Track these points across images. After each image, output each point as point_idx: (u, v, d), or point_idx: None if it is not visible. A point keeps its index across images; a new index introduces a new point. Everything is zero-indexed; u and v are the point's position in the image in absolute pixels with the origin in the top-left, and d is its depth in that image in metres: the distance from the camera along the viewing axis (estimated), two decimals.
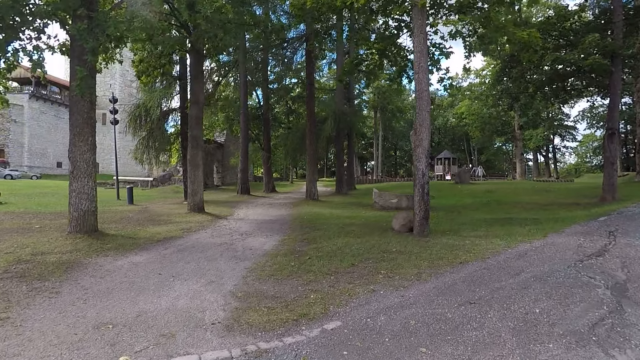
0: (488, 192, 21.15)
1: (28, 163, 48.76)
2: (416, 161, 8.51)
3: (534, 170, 53.08)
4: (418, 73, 8.19)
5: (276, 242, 8.16)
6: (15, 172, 43.31)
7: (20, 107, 48.41)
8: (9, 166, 46.71)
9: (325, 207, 15.61)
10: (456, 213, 13.83)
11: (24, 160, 48.58)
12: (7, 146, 47.86)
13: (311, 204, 16.46)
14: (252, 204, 17.65)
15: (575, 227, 8.67)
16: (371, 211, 14.47)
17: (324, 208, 15.20)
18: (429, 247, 7.12)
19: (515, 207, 15.29)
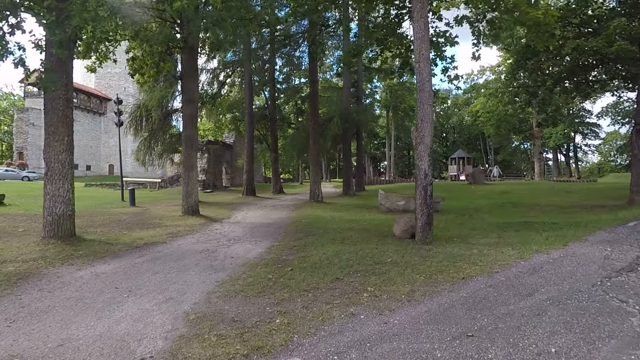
0: (504, 193, 19.98)
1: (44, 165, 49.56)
2: (418, 160, 7.65)
3: (554, 169, 50.97)
4: (419, 62, 7.33)
5: (263, 250, 7.43)
6: (33, 174, 44.02)
7: (39, 110, 49.23)
8: (27, 168, 47.63)
9: (328, 209, 14.82)
10: (467, 216, 12.85)
11: (42, 162, 49.30)
12: (26, 149, 48.77)
13: (314, 206, 15.69)
14: (254, 205, 17.01)
15: (600, 234, 7.64)
16: (376, 214, 13.61)
17: (327, 211, 14.41)
18: (430, 257, 6.26)
19: (532, 209, 14.17)
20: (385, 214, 13.85)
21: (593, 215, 11.86)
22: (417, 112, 7.63)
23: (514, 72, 15.17)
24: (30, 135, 48.34)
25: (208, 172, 31.37)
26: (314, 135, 16.87)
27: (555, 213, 12.96)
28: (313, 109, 17.22)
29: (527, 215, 12.91)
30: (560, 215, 12.39)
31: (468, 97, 58.04)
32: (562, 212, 13.25)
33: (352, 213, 13.82)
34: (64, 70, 7.63)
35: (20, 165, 47.40)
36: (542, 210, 13.93)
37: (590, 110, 44.74)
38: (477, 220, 11.89)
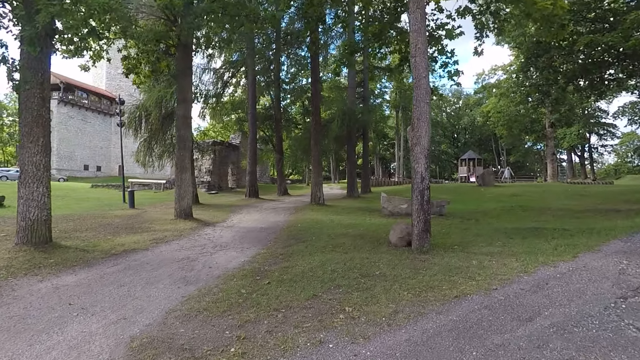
0: (514, 196, 19.17)
1: (57, 166, 50.11)
2: (414, 162, 7.06)
3: (568, 171, 49.49)
4: (415, 56, 6.75)
5: (247, 258, 6.93)
6: None
7: (50, 111, 49.81)
8: None
9: (328, 212, 14.28)
10: (473, 221, 12.17)
11: (53, 163, 49.92)
12: None
13: (315, 210, 15.16)
14: (254, 208, 16.56)
15: (615, 244, 6.94)
16: (377, 218, 13.02)
17: (327, 214, 13.87)
18: (424, 269, 5.68)
19: (542, 214, 13.40)
20: (387, 217, 13.25)
21: (607, 221, 11.08)
22: (413, 110, 7.04)
23: (525, 69, 14.41)
24: None
25: (213, 173, 31.13)
26: (315, 136, 16.35)
27: (566, 218, 12.19)
28: (314, 109, 16.70)
29: (537, 220, 12.17)
30: (572, 220, 11.62)
31: (480, 98, 56.83)
32: (574, 217, 12.47)
33: (352, 216, 13.25)
34: (40, 67, 7.25)
35: None
36: (553, 214, 13.15)
37: (606, 110, 43.29)
38: (483, 225, 11.21)
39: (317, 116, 16.44)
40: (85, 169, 54.26)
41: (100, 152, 57.30)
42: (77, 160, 53.19)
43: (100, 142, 57.32)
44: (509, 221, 12.09)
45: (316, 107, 16.47)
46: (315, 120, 16.38)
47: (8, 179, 39.84)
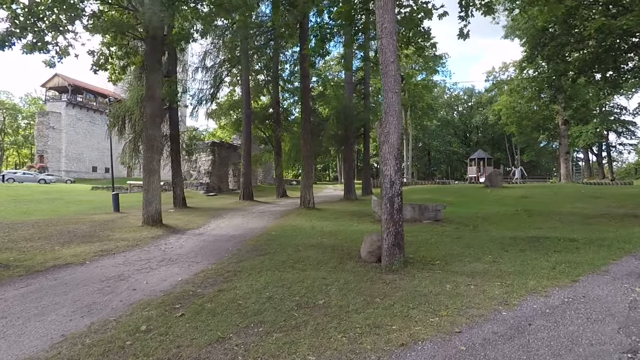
0: (521, 199, 17.72)
1: (65, 168, 50.35)
2: (382, 164, 5.93)
3: (585, 171, 47.18)
4: (381, 38, 5.64)
5: (187, 276, 5.92)
6: (51, 176, 44.66)
7: (58, 114, 50.13)
8: (47, 171, 48.45)
9: (314, 217, 13.20)
10: (470, 228, 10.93)
11: (62, 165, 50.22)
12: (47, 152, 49.67)
13: (302, 214, 14.10)
14: (241, 212, 15.60)
15: (627, 262, 5.69)
16: (365, 224, 11.88)
17: (312, 219, 12.78)
18: (382, 296, 4.57)
19: (550, 219, 12.04)
20: (377, 223, 12.09)
21: (623, 228, 9.71)
22: (383, 102, 5.92)
23: (530, 59, 13.02)
24: (51, 139, 49.20)
25: (212, 175, 30.39)
26: (305, 135, 15.28)
27: (576, 225, 10.83)
28: (303, 106, 15.65)
29: (542, 226, 10.85)
30: (582, 227, 10.27)
31: (492, 96, 54.85)
32: (585, 223, 11.09)
33: (338, 222, 12.14)
34: None
35: (41, 168, 48.30)
36: (561, 220, 11.78)
37: (625, 107, 40.88)
38: (479, 233, 9.98)
39: (306, 114, 15.37)
40: (94, 171, 54.46)
41: (109, 154, 57.32)
42: (86, 162, 53.39)
43: (109, 144, 57.32)
44: (510, 228, 10.81)
45: (305, 104, 15.40)
46: (305, 118, 15.32)
47: (15, 180, 40.07)
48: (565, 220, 11.62)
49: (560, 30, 11.21)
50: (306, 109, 15.47)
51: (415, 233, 9.83)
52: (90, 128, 54.08)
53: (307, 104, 15.37)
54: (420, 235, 9.53)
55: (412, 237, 9.17)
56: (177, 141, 17.68)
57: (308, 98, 15.46)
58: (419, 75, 51.84)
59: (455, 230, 10.43)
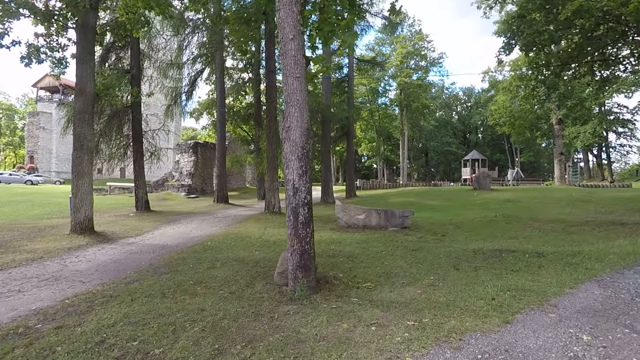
0: (507, 203, 16.50)
1: (56, 169, 49.65)
2: (284, 167, 4.79)
3: (585, 172, 45.66)
4: (280, 9, 4.51)
5: (50, 303, 4.81)
6: (40, 177, 43.97)
7: (49, 114, 49.42)
8: (37, 172, 47.77)
9: (271, 224, 12.06)
10: (436, 237, 9.78)
11: (52, 166, 49.53)
12: (37, 152, 49.00)
13: (261, 220, 12.98)
14: (202, 217, 14.51)
15: (587, 290, 4.51)
16: (326, 231, 10.73)
17: (268, 226, 11.65)
18: (249, 341, 3.44)
19: (528, 227, 10.84)
20: (341, 231, 10.94)
21: (605, 239, 8.49)
22: (283, 89, 4.79)
23: (507, 49, 11.77)
24: (41, 139, 48.52)
25: (195, 176, 29.37)
26: (270, 136, 14.17)
27: (554, 234, 9.62)
28: (269, 104, 14.54)
29: (517, 235, 9.66)
30: (560, 237, 9.07)
31: (492, 95, 53.45)
32: (565, 231, 9.88)
33: None
34: None
35: (30, 168, 47.61)
36: (540, 228, 10.57)
37: (626, 106, 39.24)
38: (443, 243, 8.82)
39: (271, 112, 14.24)
40: None
41: (100, 155, 56.48)
42: None
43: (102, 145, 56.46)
44: (481, 237, 9.64)
45: (270, 102, 14.26)
46: (270, 116, 14.20)
47: (0, 182, 39.36)
48: (544, 229, 10.40)
49: (539, 15, 9.99)
50: (270, 107, 14.34)
51: (370, 244, 8.69)
52: None
53: (272, 101, 14.22)
54: (373, 247, 8.38)
55: (362, 249, 8.04)
56: (140, 141, 16.66)
57: (274, 94, 14.31)
58: (414, 75, 50.63)
59: (417, 241, 9.26)
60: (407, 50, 49.08)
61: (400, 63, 49.38)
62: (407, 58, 50.01)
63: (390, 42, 52.88)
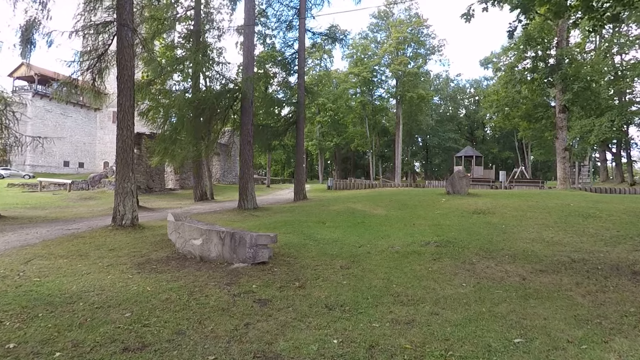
0: (474, 215, 11.64)
1: (31, 162, 46.80)
2: None
3: (601, 173, 39.59)
4: None
5: None
6: (7, 171, 41.11)
7: (23, 105, 46.57)
8: (10, 165, 45.03)
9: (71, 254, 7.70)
10: (294, 288, 5.19)
11: (27, 159, 46.68)
12: (9, 145, 46.26)
13: (61, 250, 8.61)
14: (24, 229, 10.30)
15: None
16: (119, 272, 6.29)
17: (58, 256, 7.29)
18: None
19: (465, 269, 6.09)
20: (143, 269, 6.52)
21: (591, 326, 3.72)
22: None
23: None
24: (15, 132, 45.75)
25: (136, 172, 25.33)
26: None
27: (495, 295, 4.86)
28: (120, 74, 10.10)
29: (423, 299, 4.98)
30: (495, 311, 4.35)
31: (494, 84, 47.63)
32: (520, 289, 5.10)
33: (86, 264, 6.61)
34: None
35: (2, 161, 44.92)
36: (481, 275, 5.82)
37: None
38: (267, 309, 4.25)
39: (127, 83, 9.84)
40: (66, 166, 50.80)
41: (84, 148, 53.77)
42: (56, 156, 49.75)
43: (84, 138, 53.77)
44: (367, 292, 5.03)
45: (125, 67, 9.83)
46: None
47: None
48: (487, 277, 5.64)
49: None
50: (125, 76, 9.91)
51: (142, 317, 4.24)
52: (62, 120, 50.47)
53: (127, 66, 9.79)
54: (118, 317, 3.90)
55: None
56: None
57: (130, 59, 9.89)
58: (411, 63, 45.33)
59: (241, 301, 4.74)
60: (404, 35, 43.81)
61: (395, 50, 44.19)
62: (403, 44, 44.76)
63: (385, 28, 47.69)
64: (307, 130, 49.92)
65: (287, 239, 8.81)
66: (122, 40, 9.84)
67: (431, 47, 46.86)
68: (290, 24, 20.18)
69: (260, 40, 22.47)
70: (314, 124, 47.33)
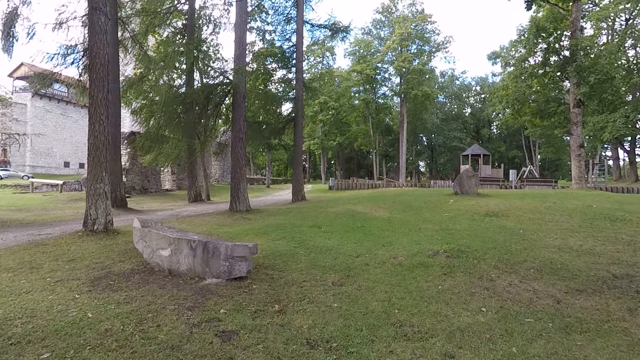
0: (486, 217, 10.49)
1: (31, 162, 46.21)
2: None
3: (614, 172, 38.10)
4: None
5: None
6: (6, 172, 40.45)
7: (23, 105, 45.98)
8: (10, 166, 44.44)
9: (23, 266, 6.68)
10: (274, 318, 4.09)
11: (27, 160, 46.09)
12: (9, 146, 45.69)
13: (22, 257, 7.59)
14: None
15: None
16: (65, 289, 5.26)
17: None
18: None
19: (485, 288, 4.96)
20: (122, 279, 5.50)
21: None
22: None
23: None
24: (14, 132, 45.16)
25: (131, 172, 24.44)
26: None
27: (546, 322, 3.74)
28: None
29: (432, 332, 3.87)
30: (553, 338, 3.22)
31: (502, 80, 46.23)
32: (557, 318, 3.98)
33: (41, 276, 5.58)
34: None
35: (2, 162, 44.34)
36: (505, 296, 4.68)
37: None
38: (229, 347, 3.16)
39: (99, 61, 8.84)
40: (66, 166, 50.18)
41: (84, 149, 52.97)
42: (56, 157, 49.13)
43: (84, 138, 52.91)
44: (353, 321, 3.94)
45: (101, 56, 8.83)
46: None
47: None
48: (513, 301, 4.51)
49: None
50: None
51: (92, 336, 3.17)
52: (62, 121, 49.81)
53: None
54: None
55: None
56: None
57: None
58: (415, 60, 44.09)
59: (182, 331, 3.68)
60: (408, 31, 42.58)
61: (398, 46, 42.98)
62: (407, 41, 43.52)
63: (388, 24, 46.48)
64: (309, 129, 48.86)
65: (275, 246, 7.74)
66: (93, 25, 8.82)
67: (436, 44, 45.58)
68: (289, 16, 19.12)
69: (260, 36, 21.48)
70: (316, 123, 46.23)
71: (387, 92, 49.35)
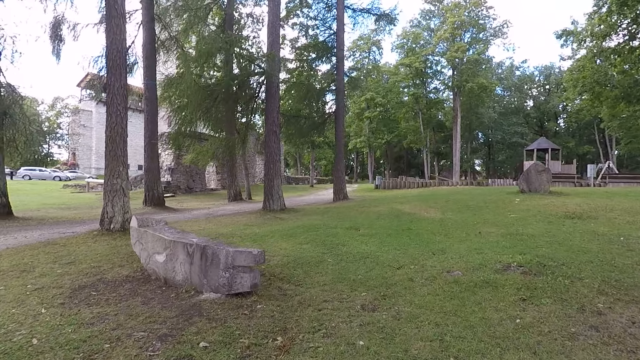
0: (567, 219, 8.39)
1: (96, 165, 49.51)
2: None
3: None
4: None
5: None
6: (74, 173, 43.51)
7: (89, 112, 49.42)
8: (78, 168, 47.95)
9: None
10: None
11: (92, 162, 49.46)
12: (78, 150, 49.32)
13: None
14: None
15: None
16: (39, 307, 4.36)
17: None
18: None
19: (599, 316, 3.22)
20: (109, 288, 4.57)
21: None
22: None
23: None
24: (82, 137, 48.66)
25: (176, 172, 24.63)
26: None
27: None
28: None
29: None
30: None
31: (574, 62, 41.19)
32: None
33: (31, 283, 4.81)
34: None
35: (72, 165, 47.95)
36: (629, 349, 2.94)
37: None
38: None
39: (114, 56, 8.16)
40: (127, 168, 53.20)
41: (142, 152, 55.94)
42: None
43: (142, 141, 55.91)
44: None
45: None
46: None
47: (30, 177, 39.24)
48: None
49: None
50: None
51: None
52: None
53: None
54: None
55: None
56: None
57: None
58: (470, 49, 40.73)
59: None
60: (460, 19, 39.48)
61: (450, 36, 39.99)
62: (460, 29, 40.38)
63: (438, 14, 43.54)
64: (356, 126, 47.22)
65: (300, 251, 6.45)
66: (110, 9, 8.16)
67: (492, 30, 41.77)
68: (329, 4, 17.87)
69: (303, 31, 20.54)
70: (363, 120, 44.47)
71: (438, 85, 46.30)
